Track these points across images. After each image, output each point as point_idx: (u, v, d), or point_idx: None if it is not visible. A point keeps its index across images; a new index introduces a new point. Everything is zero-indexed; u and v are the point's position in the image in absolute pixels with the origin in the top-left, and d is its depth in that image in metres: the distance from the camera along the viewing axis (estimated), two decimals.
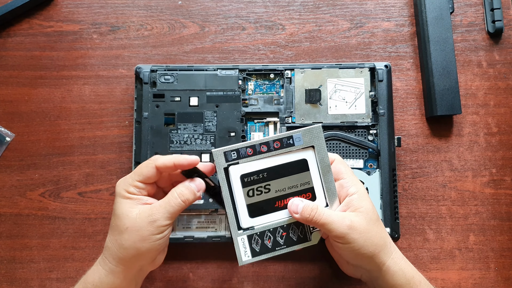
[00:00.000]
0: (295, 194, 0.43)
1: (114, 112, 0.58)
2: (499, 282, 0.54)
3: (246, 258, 0.43)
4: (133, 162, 0.54)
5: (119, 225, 0.41)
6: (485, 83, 0.59)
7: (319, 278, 0.54)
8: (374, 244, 0.42)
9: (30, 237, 0.55)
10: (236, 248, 0.43)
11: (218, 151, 0.42)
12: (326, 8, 0.61)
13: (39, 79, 0.59)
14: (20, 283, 0.55)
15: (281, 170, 0.43)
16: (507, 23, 0.60)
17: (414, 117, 0.58)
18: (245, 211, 0.43)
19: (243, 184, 0.43)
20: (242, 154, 0.42)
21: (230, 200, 0.42)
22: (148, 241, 0.41)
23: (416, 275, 0.44)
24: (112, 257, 0.42)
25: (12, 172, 0.57)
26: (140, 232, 0.40)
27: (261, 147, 0.43)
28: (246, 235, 0.43)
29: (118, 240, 0.41)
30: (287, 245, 0.44)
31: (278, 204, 0.43)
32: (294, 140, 0.43)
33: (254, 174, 0.43)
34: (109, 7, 0.61)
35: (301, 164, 0.43)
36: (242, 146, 0.42)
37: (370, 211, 0.43)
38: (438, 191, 0.56)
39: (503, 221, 0.56)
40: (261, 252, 0.43)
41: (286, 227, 0.43)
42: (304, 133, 0.43)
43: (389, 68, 0.55)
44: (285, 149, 0.43)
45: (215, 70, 0.55)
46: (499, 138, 0.57)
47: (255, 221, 0.43)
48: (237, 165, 0.42)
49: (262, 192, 0.43)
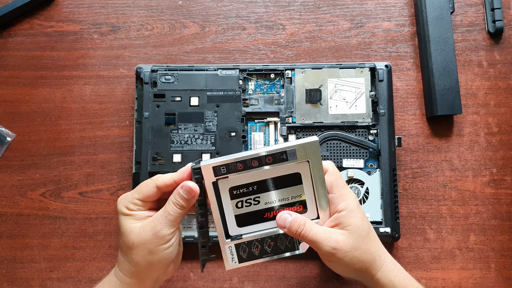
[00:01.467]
0: (286, 206, 0.42)
1: (115, 112, 0.58)
2: (500, 282, 0.54)
3: (232, 264, 0.43)
4: (134, 162, 0.54)
5: (125, 241, 0.41)
6: (485, 83, 0.59)
7: (319, 277, 0.54)
8: (361, 261, 0.42)
9: (31, 237, 0.56)
10: (223, 255, 0.43)
11: (208, 165, 0.40)
12: (326, 8, 0.61)
13: (39, 79, 0.59)
14: (21, 283, 0.55)
15: (272, 183, 0.42)
16: (508, 23, 0.60)
17: (414, 117, 0.58)
18: (233, 221, 0.42)
19: (232, 196, 0.42)
20: (232, 169, 0.41)
21: (218, 210, 0.42)
22: (157, 253, 0.41)
23: (408, 285, 0.43)
24: (125, 270, 0.42)
25: (13, 172, 0.57)
26: (147, 245, 0.40)
27: (252, 162, 0.41)
28: (233, 244, 0.42)
29: (127, 255, 0.42)
30: (274, 253, 0.43)
31: (267, 215, 0.43)
32: (288, 155, 0.41)
33: (243, 187, 0.41)
34: (109, 7, 0.61)
35: (294, 178, 0.42)
36: (232, 161, 0.41)
37: (359, 228, 0.42)
38: (438, 191, 0.56)
39: (503, 221, 0.56)
40: (248, 258, 0.43)
41: (274, 237, 0.43)
42: (298, 148, 0.41)
43: (390, 68, 0.55)
44: (277, 164, 0.41)
45: (215, 70, 0.55)
46: (500, 138, 0.57)
47: (243, 230, 0.43)
48: (227, 179, 0.41)
49: (251, 204, 0.42)
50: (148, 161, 0.54)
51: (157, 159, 0.54)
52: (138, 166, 0.54)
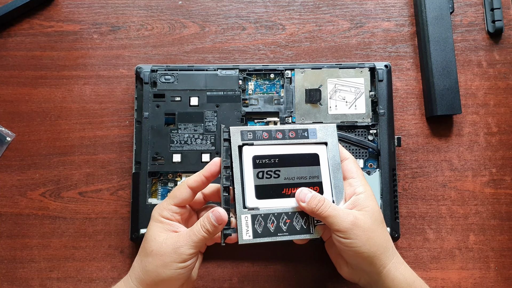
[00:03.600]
0: (304, 185, 0.44)
1: (115, 112, 0.58)
2: (499, 281, 0.54)
3: (247, 237, 0.42)
4: (134, 162, 0.54)
5: (146, 247, 0.42)
6: (485, 83, 0.59)
7: (319, 278, 0.54)
8: (377, 244, 0.42)
9: (31, 237, 0.56)
10: (238, 226, 0.42)
11: (236, 129, 0.43)
12: (326, 8, 0.61)
13: (39, 79, 0.59)
14: (21, 283, 0.55)
15: (292, 159, 0.44)
16: (507, 23, 0.60)
17: (414, 117, 0.58)
18: (253, 191, 0.43)
19: (254, 165, 0.43)
20: (258, 137, 0.44)
21: (240, 177, 0.43)
22: (170, 268, 0.40)
23: (417, 280, 0.44)
24: (135, 277, 0.42)
25: (13, 172, 0.57)
26: (163, 257, 0.41)
27: (276, 133, 0.44)
28: (250, 215, 0.42)
29: (143, 261, 0.42)
30: (289, 233, 0.43)
31: (286, 191, 0.44)
32: (309, 133, 0.45)
33: (266, 157, 0.44)
34: (109, 7, 0.61)
35: (312, 158, 0.45)
36: (259, 129, 0.44)
37: (376, 212, 0.43)
38: (438, 190, 0.56)
39: (503, 220, 0.56)
40: (262, 234, 0.43)
41: (291, 214, 0.43)
42: (319, 129, 0.45)
43: (389, 68, 0.55)
44: (299, 139, 0.44)
45: (215, 70, 0.56)
46: (499, 138, 0.57)
47: (261, 203, 0.43)
48: (251, 146, 0.43)
49: (272, 176, 0.44)
50: (148, 161, 0.54)
51: (157, 159, 0.54)
52: (138, 166, 0.54)
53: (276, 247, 0.55)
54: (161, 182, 0.55)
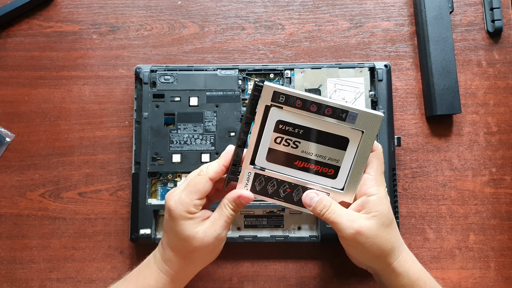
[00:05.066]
0: (319, 164, 0.42)
1: (114, 113, 0.58)
2: (499, 281, 0.54)
3: (243, 190, 0.43)
4: (133, 162, 0.54)
5: (186, 246, 0.42)
6: (484, 83, 0.59)
7: (319, 277, 0.54)
8: (381, 249, 0.42)
9: (30, 238, 0.56)
10: (240, 176, 0.43)
11: (270, 87, 0.40)
12: (325, 8, 0.61)
13: (39, 79, 0.59)
14: (20, 284, 0.55)
15: (318, 135, 0.41)
16: (507, 23, 0.60)
17: (414, 117, 0.58)
18: (265, 152, 0.42)
19: (276, 129, 0.41)
20: (290, 102, 0.40)
21: (257, 135, 0.41)
22: (215, 253, 0.44)
23: (422, 276, 0.44)
24: (174, 270, 0.44)
25: (12, 172, 0.57)
26: (209, 248, 0.43)
27: (311, 105, 0.40)
28: (254, 172, 0.42)
29: (186, 258, 0.43)
30: (285, 200, 0.43)
31: (298, 163, 0.42)
32: (348, 116, 0.40)
33: (290, 125, 0.41)
34: (108, 7, 0.61)
35: (341, 141, 0.41)
36: (294, 95, 0.40)
37: (384, 216, 0.42)
38: (438, 190, 0.56)
39: (503, 220, 0.56)
40: (259, 192, 0.43)
41: (293, 185, 0.43)
42: (361, 115, 0.40)
43: (389, 67, 0.55)
44: (334, 119, 0.40)
45: (214, 70, 0.55)
46: (499, 138, 0.57)
47: (269, 166, 0.42)
48: (280, 109, 0.41)
49: (290, 145, 0.41)
50: (148, 161, 0.54)
51: (157, 159, 0.54)
52: (137, 166, 0.54)
53: (276, 246, 0.55)
54: (161, 182, 0.55)
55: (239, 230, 0.54)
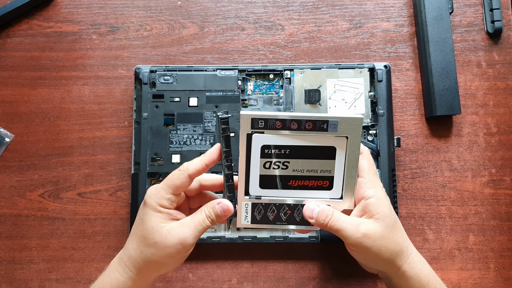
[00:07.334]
0: (312, 178, 0.42)
1: (114, 113, 0.58)
2: (499, 282, 0.54)
3: (244, 222, 0.42)
4: (133, 162, 0.54)
5: (147, 238, 0.41)
6: (484, 83, 0.59)
7: (319, 278, 0.54)
8: (389, 251, 0.41)
9: (30, 238, 0.55)
10: (237, 211, 0.42)
11: (246, 115, 0.39)
12: (325, 8, 0.61)
13: (38, 79, 0.59)
14: (20, 284, 0.55)
15: (305, 151, 0.41)
16: (506, 23, 0.60)
17: (413, 117, 0.58)
18: (257, 180, 0.42)
19: (262, 155, 0.41)
20: (270, 125, 0.40)
21: (245, 165, 0.41)
22: (174, 258, 0.41)
23: (433, 280, 0.43)
24: (134, 266, 0.42)
25: (12, 172, 0.57)
26: (168, 249, 0.40)
27: (291, 123, 0.40)
28: (251, 202, 0.42)
29: (144, 252, 0.41)
30: (288, 223, 0.43)
31: (292, 183, 0.42)
32: (329, 125, 0.40)
33: (276, 148, 0.41)
34: (108, 7, 0.61)
35: (328, 151, 0.41)
36: (272, 117, 0.40)
37: (387, 217, 0.41)
38: (437, 191, 0.56)
39: (502, 221, 0.56)
40: (261, 221, 0.42)
41: (293, 206, 0.42)
42: (341, 121, 0.40)
43: (389, 68, 0.55)
44: (316, 132, 0.40)
45: (214, 70, 0.55)
46: (499, 138, 0.57)
47: (264, 192, 0.42)
48: (262, 135, 0.40)
49: (279, 167, 0.41)
50: (147, 162, 0.54)
51: (156, 159, 0.54)
52: (137, 166, 0.54)
53: (276, 247, 0.54)
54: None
55: (239, 230, 0.54)
